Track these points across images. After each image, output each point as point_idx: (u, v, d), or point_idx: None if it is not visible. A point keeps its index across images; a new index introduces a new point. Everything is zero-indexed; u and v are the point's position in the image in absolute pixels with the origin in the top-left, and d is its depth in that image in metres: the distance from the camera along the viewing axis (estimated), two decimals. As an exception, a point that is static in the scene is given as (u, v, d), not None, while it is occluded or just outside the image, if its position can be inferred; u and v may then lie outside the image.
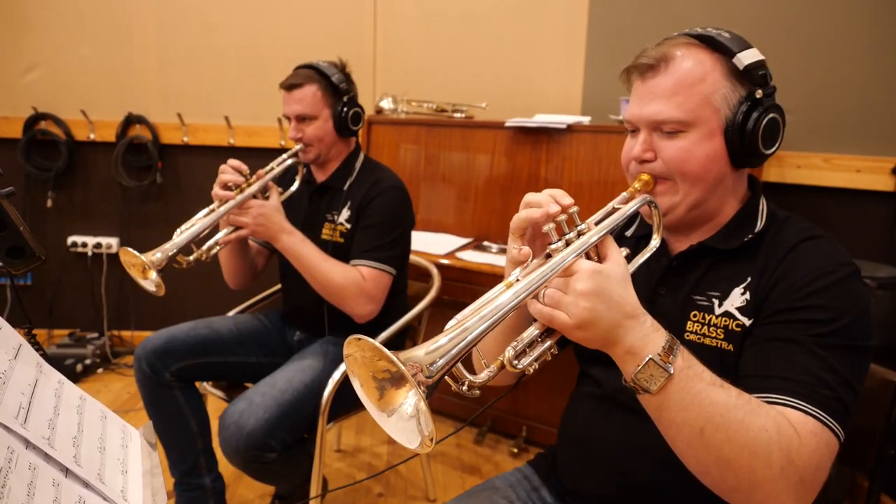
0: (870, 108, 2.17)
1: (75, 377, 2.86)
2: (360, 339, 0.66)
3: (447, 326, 0.71)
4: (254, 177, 1.65)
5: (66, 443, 0.73)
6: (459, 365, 0.71)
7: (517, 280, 0.77)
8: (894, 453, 1.15)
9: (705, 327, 0.93)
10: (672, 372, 0.75)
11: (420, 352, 0.65)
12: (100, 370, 2.99)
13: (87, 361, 2.93)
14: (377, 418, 0.71)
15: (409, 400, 0.68)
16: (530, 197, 0.84)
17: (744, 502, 0.77)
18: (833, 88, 2.21)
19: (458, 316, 0.73)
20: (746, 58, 0.90)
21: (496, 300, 0.72)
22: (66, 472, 0.69)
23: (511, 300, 0.72)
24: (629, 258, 0.87)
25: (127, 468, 0.80)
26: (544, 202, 0.82)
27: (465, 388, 0.73)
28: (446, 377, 0.70)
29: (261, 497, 2.08)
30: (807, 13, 2.24)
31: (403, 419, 0.69)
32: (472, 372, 0.75)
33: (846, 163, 2.20)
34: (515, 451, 2.38)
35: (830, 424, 0.78)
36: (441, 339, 0.67)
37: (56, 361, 2.78)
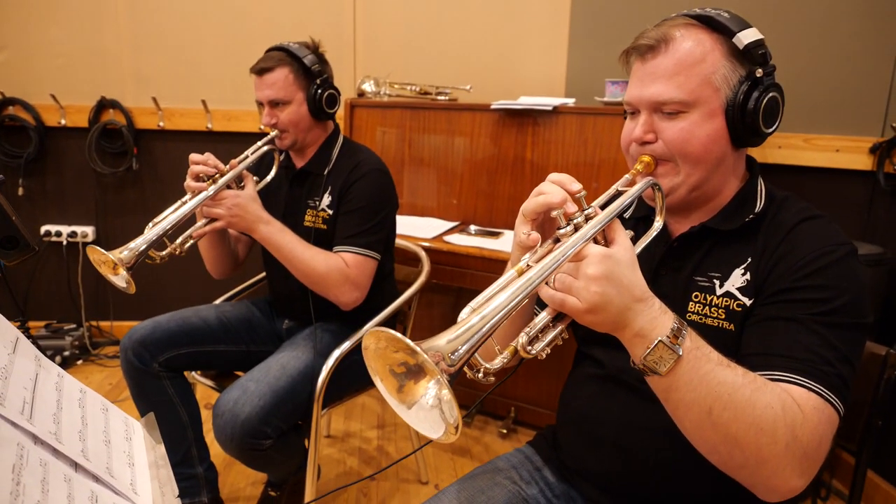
0: (849, 89, 2.20)
1: (54, 369, 2.80)
2: (380, 330, 0.65)
3: (462, 315, 0.71)
4: (227, 166, 1.60)
5: (72, 437, 0.71)
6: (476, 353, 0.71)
7: (528, 266, 0.77)
8: (882, 425, 1.18)
9: (706, 307, 0.94)
10: (681, 353, 0.76)
11: (441, 341, 0.65)
12: (79, 362, 2.94)
13: (66, 353, 2.88)
14: (398, 410, 0.70)
15: (431, 390, 0.68)
16: (543, 187, 0.84)
17: (750, 478, 0.79)
18: (813, 70, 2.24)
19: (472, 304, 0.72)
20: (746, 37, 0.90)
21: (511, 287, 0.72)
22: (76, 466, 0.67)
23: (526, 286, 0.72)
24: (633, 241, 0.88)
25: (133, 461, 0.79)
26: (557, 192, 0.81)
27: (480, 374, 0.73)
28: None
29: (253, 484, 2.07)
30: (787, -6, 2.27)
31: (425, 409, 0.69)
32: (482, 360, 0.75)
33: (826, 143, 2.24)
34: (504, 431, 2.40)
35: (832, 400, 0.80)
36: (461, 328, 0.67)
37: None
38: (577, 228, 0.79)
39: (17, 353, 0.75)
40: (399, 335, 0.64)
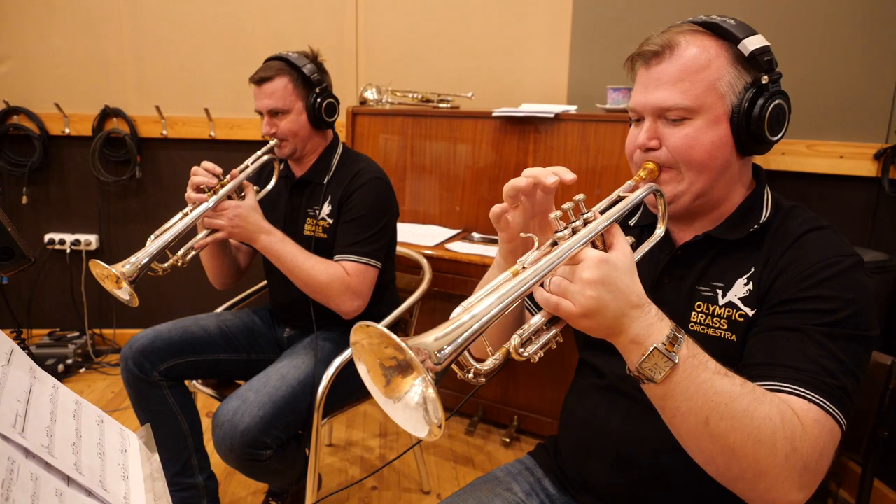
0: (853, 95, 2.19)
1: (57, 377, 2.75)
2: (367, 325, 0.65)
3: (454, 313, 0.71)
4: (228, 176, 1.60)
5: (65, 450, 0.70)
6: (466, 353, 0.71)
7: (523, 268, 0.76)
8: (888, 435, 1.17)
9: (709, 318, 0.93)
10: (677, 361, 0.74)
11: (429, 338, 0.65)
12: (82, 370, 2.94)
13: (69, 361, 2.87)
14: (384, 406, 0.71)
15: (417, 387, 0.68)
16: (529, 171, 0.85)
17: (748, 490, 0.77)
18: (817, 75, 2.23)
19: (465, 303, 0.72)
20: (751, 44, 0.89)
21: (503, 287, 0.72)
22: (68, 480, 0.67)
23: (519, 287, 0.72)
24: (634, 247, 0.87)
25: (128, 473, 0.78)
26: (541, 174, 0.82)
27: (470, 375, 0.72)
28: (452, 365, 0.70)
29: (253, 494, 2.06)
30: (788, 1, 2.26)
31: (410, 407, 0.69)
32: (475, 360, 0.74)
33: (829, 149, 2.23)
34: (507, 440, 2.39)
35: (833, 412, 0.78)
36: (450, 326, 0.67)
37: (37, 362, 2.73)
38: (574, 232, 0.78)
39: (11, 365, 0.75)
40: (387, 331, 0.64)
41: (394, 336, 0.63)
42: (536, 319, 0.78)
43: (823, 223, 0.92)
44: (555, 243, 0.79)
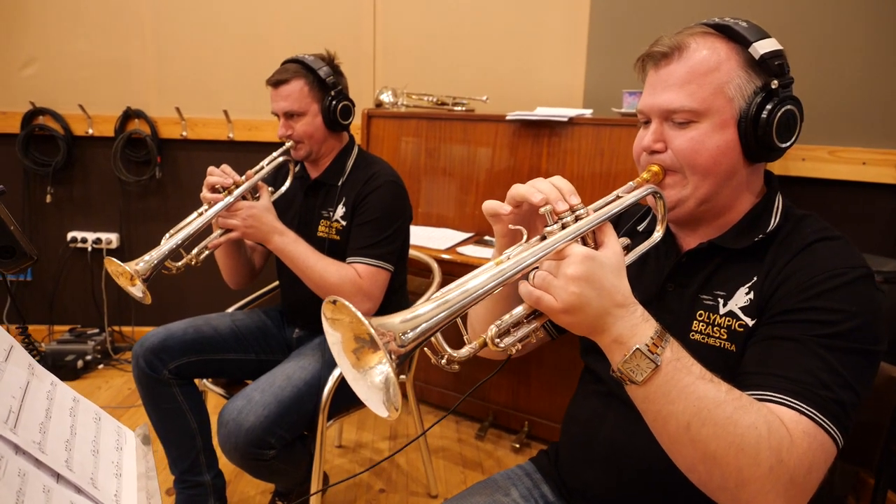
0: (875, 100, 2.14)
1: (76, 373, 2.86)
2: (335, 301, 0.65)
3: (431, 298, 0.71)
4: (243, 177, 1.62)
5: (58, 447, 0.71)
6: (440, 338, 0.71)
7: (508, 258, 0.76)
8: (900, 451, 1.14)
9: (710, 327, 0.91)
10: (659, 363, 0.73)
11: (396, 319, 0.65)
12: (100, 366, 2.99)
13: (88, 357, 2.93)
14: (351, 381, 0.71)
15: (381, 366, 0.68)
16: (539, 184, 0.82)
17: (731, 501, 0.74)
18: (838, 80, 2.19)
19: (443, 289, 0.72)
20: (763, 47, 0.87)
21: (482, 276, 0.72)
22: (58, 477, 0.68)
23: (497, 277, 0.71)
24: (630, 248, 0.86)
25: (121, 471, 0.79)
26: (552, 197, 0.79)
27: (444, 361, 0.72)
28: (426, 349, 0.70)
29: (262, 493, 2.07)
30: (810, 4, 2.21)
31: (374, 386, 0.69)
32: (461, 348, 0.74)
33: (851, 155, 2.18)
34: (517, 446, 2.37)
35: (826, 426, 0.75)
36: (419, 310, 0.66)
37: (56, 357, 2.79)
38: (564, 227, 0.77)
39: (9, 362, 0.76)
40: (352, 308, 0.64)
41: (359, 314, 0.63)
42: (517, 311, 0.78)
43: (835, 233, 0.89)
44: (544, 237, 0.78)
